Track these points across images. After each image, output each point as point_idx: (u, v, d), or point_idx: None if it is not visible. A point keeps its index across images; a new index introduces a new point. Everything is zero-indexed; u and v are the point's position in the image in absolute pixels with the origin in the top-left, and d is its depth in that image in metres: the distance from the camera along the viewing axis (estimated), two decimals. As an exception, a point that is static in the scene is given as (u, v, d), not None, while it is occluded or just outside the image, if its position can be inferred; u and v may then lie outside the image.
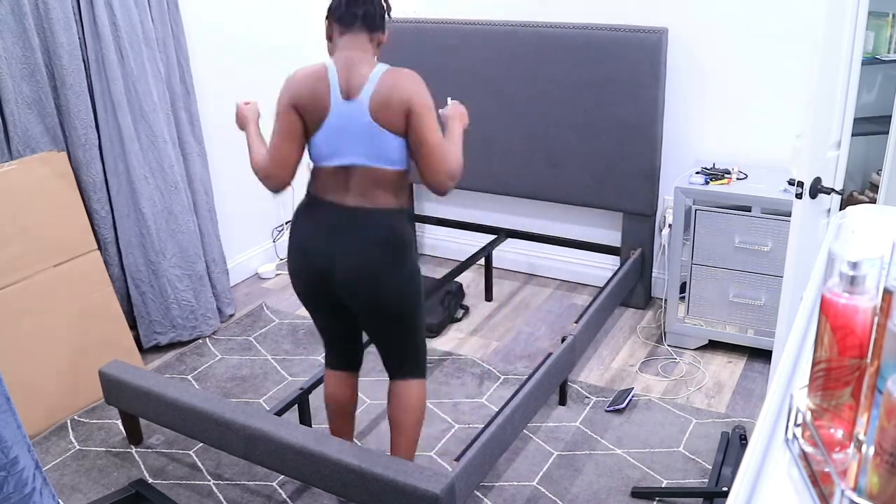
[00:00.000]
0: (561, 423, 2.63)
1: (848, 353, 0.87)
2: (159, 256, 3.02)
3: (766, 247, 2.80)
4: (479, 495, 2.31)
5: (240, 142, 3.64)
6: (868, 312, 0.86)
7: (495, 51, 3.32)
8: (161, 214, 3.01)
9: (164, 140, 2.96)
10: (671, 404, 2.72)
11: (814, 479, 0.86)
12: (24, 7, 2.54)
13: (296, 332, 3.28)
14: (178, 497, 2.32)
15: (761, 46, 2.99)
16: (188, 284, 3.12)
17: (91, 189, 2.85)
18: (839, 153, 2.09)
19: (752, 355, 3.02)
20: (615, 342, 3.16)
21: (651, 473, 2.38)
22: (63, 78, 2.69)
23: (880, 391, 0.84)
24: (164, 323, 3.10)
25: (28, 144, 2.66)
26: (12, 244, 2.59)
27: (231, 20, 3.47)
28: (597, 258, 3.61)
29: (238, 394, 2.86)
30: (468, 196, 3.81)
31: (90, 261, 2.82)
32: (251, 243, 3.82)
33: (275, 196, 3.89)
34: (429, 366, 3.00)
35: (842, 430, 0.89)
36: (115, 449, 2.56)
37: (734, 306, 2.93)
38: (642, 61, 3.04)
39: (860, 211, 1.62)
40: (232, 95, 3.53)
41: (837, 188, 2.08)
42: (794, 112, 3.01)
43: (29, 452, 1.37)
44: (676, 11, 3.09)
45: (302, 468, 2.05)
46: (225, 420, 2.17)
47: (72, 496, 2.34)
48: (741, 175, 2.98)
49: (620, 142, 3.18)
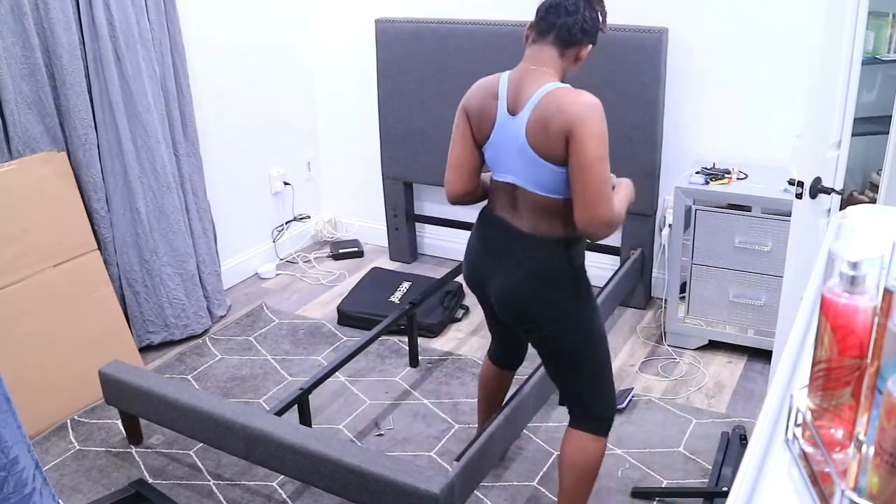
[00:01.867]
0: (561, 423, 2.63)
1: (848, 353, 0.87)
2: (153, 256, 3.02)
3: (766, 247, 2.80)
4: (479, 495, 2.31)
5: (239, 142, 3.64)
6: (868, 312, 0.86)
7: (495, 51, 3.32)
8: (153, 214, 3.01)
9: (158, 140, 2.96)
10: (671, 404, 2.72)
11: (814, 479, 0.86)
12: (24, 7, 2.54)
13: (296, 332, 3.28)
14: (178, 497, 2.32)
15: (761, 46, 2.99)
16: (179, 283, 3.12)
17: (91, 189, 2.85)
18: (839, 153, 2.09)
19: (752, 355, 3.02)
20: (615, 342, 3.16)
21: (651, 473, 2.38)
22: (63, 78, 2.69)
23: (880, 391, 0.84)
24: (157, 322, 3.10)
25: (28, 144, 2.66)
26: (12, 244, 2.59)
27: (231, 21, 3.46)
28: (597, 258, 3.61)
29: (238, 394, 2.86)
30: (468, 196, 3.80)
31: (90, 261, 2.82)
32: (251, 243, 3.82)
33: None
34: (429, 366, 3.00)
35: (842, 430, 0.89)
36: (115, 449, 2.56)
37: (734, 306, 2.93)
38: (642, 61, 3.04)
39: (860, 211, 1.62)
40: (231, 96, 3.53)
41: (837, 188, 2.08)
42: (794, 112, 3.01)
43: (29, 452, 1.37)
44: (676, 11, 3.09)
45: (302, 468, 2.05)
46: (225, 420, 2.17)
47: (72, 496, 2.34)
48: (741, 175, 2.98)
49: (620, 142, 3.18)
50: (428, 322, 3.21)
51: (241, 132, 3.63)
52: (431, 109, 3.55)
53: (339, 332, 3.27)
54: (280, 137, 3.88)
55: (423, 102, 3.56)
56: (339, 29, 3.87)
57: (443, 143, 3.57)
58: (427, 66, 3.49)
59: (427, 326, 3.21)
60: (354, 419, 2.69)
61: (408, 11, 3.62)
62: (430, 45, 3.46)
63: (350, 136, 4.05)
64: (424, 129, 3.60)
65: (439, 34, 3.42)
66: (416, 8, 3.60)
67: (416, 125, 3.62)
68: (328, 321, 3.36)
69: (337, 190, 4.21)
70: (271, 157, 3.85)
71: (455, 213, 3.87)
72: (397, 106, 3.63)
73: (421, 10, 3.59)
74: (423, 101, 3.56)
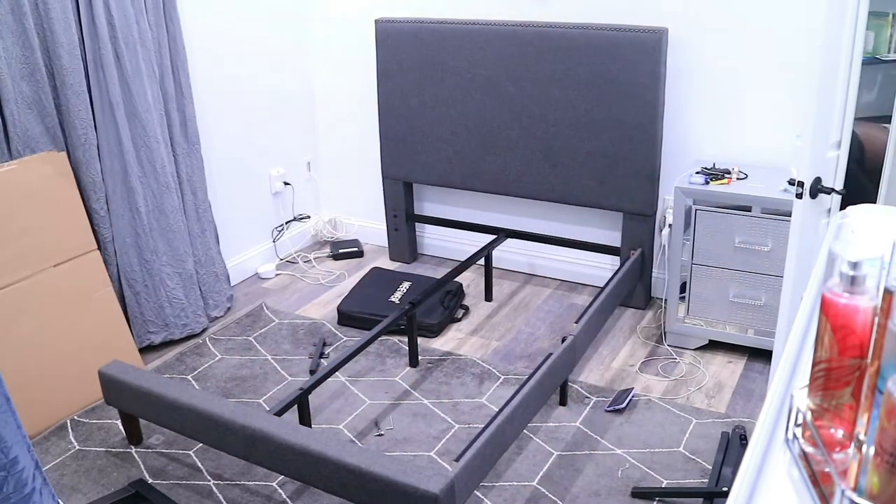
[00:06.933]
0: (561, 423, 2.63)
1: (848, 353, 0.87)
2: (153, 256, 3.02)
3: (766, 247, 2.80)
4: (479, 495, 2.31)
5: (239, 142, 3.64)
6: (868, 312, 0.86)
7: (495, 51, 3.32)
8: (154, 214, 3.02)
9: (158, 140, 2.96)
10: (671, 404, 2.72)
11: (814, 480, 0.86)
12: (24, 7, 2.54)
13: (296, 332, 3.28)
14: (178, 497, 2.32)
15: (761, 46, 2.99)
16: (178, 283, 3.12)
17: (91, 189, 2.85)
18: (839, 153, 2.09)
19: (752, 355, 3.02)
20: (615, 342, 3.16)
21: (651, 473, 2.38)
22: (63, 78, 2.69)
23: (880, 391, 0.84)
24: (158, 322, 3.10)
25: (28, 144, 2.66)
26: (12, 244, 2.59)
27: (231, 21, 3.46)
28: (597, 258, 3.61)
29: (238, 394, 2.86)
30: (468, 196, 3.81)
31: (90, 261, 2.82)
32: (251, 243, 3.82)
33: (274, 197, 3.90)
34: (428, 366, 3.00)
35: (842, 430, 0.89)
36: (115, 449, 2.56)
37: (734, 306, 2.93)
38: (642, 61, 3.04)
39: (860, 211, 1.62)
40: (230, 96, 3.53)
41: (837, 188, 2.08)
42: (794, 112, 3.02)
43: (29, 452, 1.38)
44: (676, 11, 3.09)
45: (302, 468, 2.05)
46: (225, 420, 2.17)
47: (72, 496, 2.34)
48: (741, 175, 2.98)
49: (620, 142, 3.19)
50: (428, 322, 3.21)
51: (241, 132, 3.63)
52: (431, 109, 3.55)
53: (340, 332, 3.27)
54: (280, 137, 3.88)
55: (423, 102, 3.56)
56: (339, 29, 3.87)
57: (443, 143, 3.58)
58: (427, 66, 3.49)
59: (427, 326, 3.21)
60: (354, 419, 2.69)
61: (408, 11, 3.62)
62: (430, 45, 3.46)
63: (350, 136, 4.05)
64: (424, 129, 3.60)
65: (439, 34, 3.42)
66: (416, 8, 3.60)
67: (416, 125, 3.62)
68: (328, 321, 3.36)
69: (337, 190, 4.21)
70: (271, 157, 3.85)
71: (455, 214, 3.87)
72: (397, 106, 3.63)
73: (421, 10, 3.59)
74: (423, 101, 3.56)
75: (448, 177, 3.62)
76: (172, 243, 3.10)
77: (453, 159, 3.58)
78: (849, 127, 2.09)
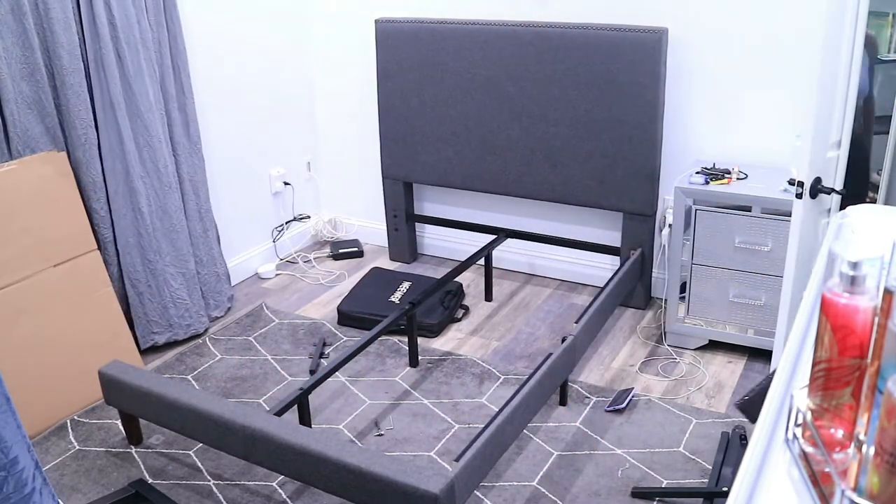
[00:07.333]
0: (561, 423, 2.63)
1: (848, 353, 0.87)
2: (156, 256, 3.02)
3: (766, 247, 2.80)
4: (479, 495, 2.31)
5: (239, 142, 3.64)
6: (868, 312, 0.86)
7: (495, 51, 3.32)
8: (156, 214, 3.01)
9: (160, 140, 2.96)
10: (671, 404, 2.72)
11: (814, 479, 0.86)
12: (24, 7, 2.54)
13: (296, 332, 3.28)
14: (178, 497, 2.32)
15: (761, 46, 2.99)
16: (182, 283, 3.12)
17: (91, 189, 2.85)
18: (839, 153, 2.09)
19: (752, 355, 3.02)
20: (615, 342, 3.16)
21: (651, 473, 2.38)
22: (63, 78, 2.69)
23: (880, 391, 0.84)
24: (161, 322, 3.10)
25: (28, 144, 2.66)
26: (12, 244, 2.59)
27: (231, 21, 3.46)
28: (597, 258, 3.61)
29: (238, 394, 2.86)
30: (468, 196, 3.81)
31: (90, 261, 2.82)
32: (251, 243, 3.82)
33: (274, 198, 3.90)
34: (428, 366, 3.00)
35: (842, 430, 0.89)
36: (115, 449, 2.56)
37: (734, 306, 2.93)
38: (642, 61, 3.04)
39: (860, 211, 1.62)
40: (231, 96, 3.53)
41: (837, 188, 2.08)
42: (794, 112, 3.01)
43: (29, 452, 1.38)
44: (676, 11, 3.09)
45: (302, 468, 2.05)
46: (225, 420, 2.17)
47: (72, 496, 2.34)
48: (741, 175, 2.98)
49: (620, 142, 3.19)
50: (428, 322, 3.21)
51: (241, 132, 3.63)
52: (431, 109, 3.55)
53: (340, 332, 3.27)
54: (280, 137, 3.88)
55: (423, 102, 3.56)
56: (339, 29, 3.87)
57: (443, 143, 3.58)
58: (427, 66, 3.49)
59: (427, 326, 3.21)
60: (354, 419, 2.69)
61: (408, 11, 3.62)
62: (430, 45, 3.46)
63: (350, 136, 4.05)
64: (424, 129, 3.60)
65: (439, 34, 3.42)
66: (416, 8, 3.60)
67: (416, 125, 3.62)
68: (328, 321, 3.36)
69: (337, 190, 4.21)
70: (271, 157, 3.85)
71: (455, 214, 3.87)
72: (397, 106, 3.63)
73: (421, 10, 3.59)
74: (423, 101, 3.56)
75: (448, 177, 3.62)
76: (176, 243, 3.10)
77: (453, 159, 3.58)
78: (849, 127, 2.09)
